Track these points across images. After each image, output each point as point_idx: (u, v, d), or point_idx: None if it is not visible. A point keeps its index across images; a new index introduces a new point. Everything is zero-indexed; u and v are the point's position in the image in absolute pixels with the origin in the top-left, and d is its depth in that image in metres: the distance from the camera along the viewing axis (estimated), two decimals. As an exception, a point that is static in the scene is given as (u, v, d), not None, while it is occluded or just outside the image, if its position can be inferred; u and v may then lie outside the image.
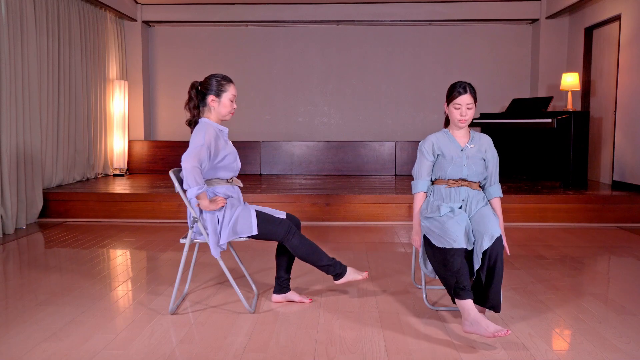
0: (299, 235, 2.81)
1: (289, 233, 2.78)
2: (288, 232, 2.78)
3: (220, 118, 2.89)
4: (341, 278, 2.89)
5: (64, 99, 6.25)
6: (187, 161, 2.65)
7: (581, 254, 4.18)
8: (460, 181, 2.81)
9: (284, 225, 2.79)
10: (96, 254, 4.12)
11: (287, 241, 2.79)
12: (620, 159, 6.16)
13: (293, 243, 2.79)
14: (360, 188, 6.12)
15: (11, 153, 4.97)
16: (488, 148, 2.87)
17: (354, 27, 8.13)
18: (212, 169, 2.81)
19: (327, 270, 2.87)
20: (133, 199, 5.55)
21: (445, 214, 2.68)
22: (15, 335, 2.53)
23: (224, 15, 7.85)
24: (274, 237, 2.80)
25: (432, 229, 2.68)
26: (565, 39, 7.64)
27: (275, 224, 2.80)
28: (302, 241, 2.81)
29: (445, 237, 2.58)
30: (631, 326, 2.66)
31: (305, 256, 2.82)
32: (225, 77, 2.88)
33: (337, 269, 2.88)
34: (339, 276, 2.89)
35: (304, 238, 2.83)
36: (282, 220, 2.82)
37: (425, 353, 2.35)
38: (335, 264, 2.87)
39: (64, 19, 6.23)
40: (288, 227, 2.79)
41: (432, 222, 2.70)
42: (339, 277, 2.89)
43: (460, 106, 2.78)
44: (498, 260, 2.53)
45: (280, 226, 2.79)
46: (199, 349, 2.40)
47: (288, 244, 2.80)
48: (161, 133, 8.33)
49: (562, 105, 7.45)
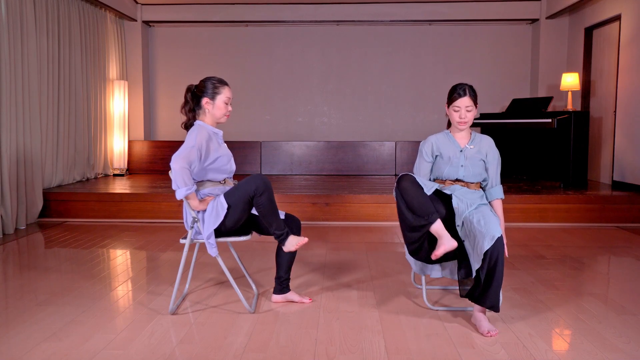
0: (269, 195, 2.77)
1: (257, 189, 2.74)
2: (257, 189, 2.75)
3: (215, 120, 2.91)
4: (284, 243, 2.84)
5: (64, 99, 6.25)
6: (176, 162, 2.67)
7: (581, 254, 4.18)
8: (457, 182, 2.83)
9: (255, 180, 2.76)
10: (96, 254, 4.12)
11: (258, 196, 2.76)
12: (620, 159, 6.16)
13: (262, 200, 2.76)
14: (360, 188, 6.12)
15: (11, 153, 4.97)
16: (489, 149, 2.88)
17: (354, 27, 8.13)
18: (202, 171, 2.83)
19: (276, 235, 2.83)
20: (133, 199, 5.55)
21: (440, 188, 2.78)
22: (15, 335, 2.54)
23: (224, 15, 7.85)
24: (246, 194, 2.75)
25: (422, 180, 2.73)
26: (565, 39, 7.64)
27: (243, 186, 2.77)
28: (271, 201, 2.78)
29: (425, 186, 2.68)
30: (631, 326, 2.66)
31: (266, 213, 2.78)
32: (220, 80, 2.90)
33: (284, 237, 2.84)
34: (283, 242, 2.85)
35: (273, 200, 2.80)
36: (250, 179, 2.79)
37: (425, 353, 2.35)
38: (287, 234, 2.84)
39: (64, 19, 6.23)
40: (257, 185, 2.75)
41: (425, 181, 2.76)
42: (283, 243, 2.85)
43: (460, 109, 2.79)
44: (498, 260, 2.53)
45: (251, 181, 2.76)
46: (199, 349, 2.40)
47: (256, 200, 2.76)
48: (161, 133, 8.33)
49: (562, 105, 7.45)
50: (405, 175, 2.70)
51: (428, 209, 2.62)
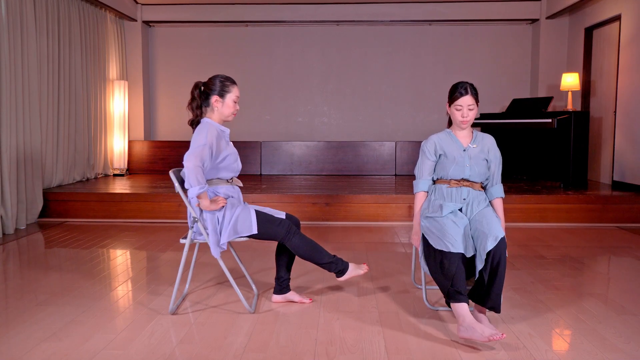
0: (299, 234, 2.81)
1: (289, 233, 2.79)
2: (288, 232, 2.79)
3: (222, 119, 2.90)
4: (344, 274, 2.89)
5: (64, 99, 6.25)
6: (190, 160, 2.65)
7: (581, 254, 4.18)
8: (462, 181, 2.81)
9: (284, 225, 2.80)
10: (96, 254, 4.12)
11: (288, 241, 2.79)
12: (620, 159, 6.16)
13: (294, 242, 2.79)
14: (360, 188, 6.12)
15: (11, 153, 4.97)
16: (491, 148, 2.87)
17: (354, 27, 8.13)
18: (213, 169, 2.82)
19: (330, 267, 2.87)
20: (133, 199, 5.55)
21: (446, 215, 2.69)
22: (15, 335, 2.53)
23: (224, 15, 7.85)
24: (274, 236, 2.81)
25: (431, 230, 2.68)
26: (565, 39, 7.64)
27: (275, 224, 2.80)
28: (303, 240, 2.81)
29: (443, 239, 2.58)
30: (631, 326, 2.66)
31: (307, 255, 2.83)
32: (229, 78, 2.90)
33: (340, 266, 2.88)
34: (342, 273, 2.89)
35: (304, 237, 2.83)
36: (282, 220, 2.82)
37: (425, 353, 2.35)
38: (336, 261, 2.88)
39: (64, 19, 6.23)
40: (288, 227, 2.80)
41: (432, 222, 2.70)
42: (342, 274, 2.90)
43: (462, 107, 2.78)
44: (501, 261, 2.53)
45: (281, 226, 2.79)
46: (199, 349, 2.40)
47: (289, 243, 2.80)
48: (161, 133, 8.33)
49: (562, 105, 7.45)
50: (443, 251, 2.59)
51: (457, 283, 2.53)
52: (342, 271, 2.89)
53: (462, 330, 2.44)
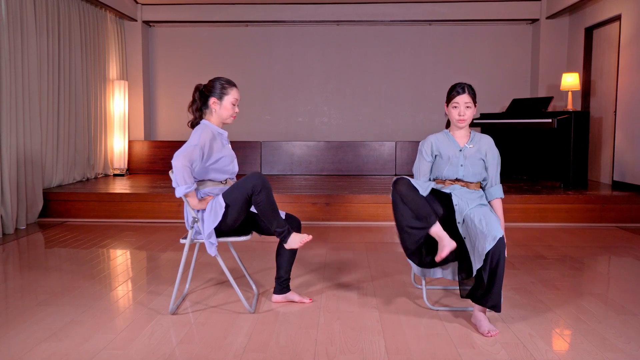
0: (267, 193, 2.76)
1: (255, 187, 2.73)
2: (254, 187, 2.73)
3: (221, 121, 2.91)
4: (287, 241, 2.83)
5: (64, 99, 6.25)
6: (178, 159, 2.68)
7: (581, 254, 4.18)
8: (457, 181, 2.83)
9: (252, 179, 2.75)
10: (96, 254, 4.12)
11: (257, 194, 2.74)
12: (621, 159, 6.16)
13: (261, 197, 2.75)
14: (360, 188, 6.12)
15: (11, 153, 4.97)
16: (488, 149, 2.88)
17: (354, 27, 8.13)
18: (203, 170, 2.83)
19: (278, 234, 2.82)
20: (133, 199, 5.55)
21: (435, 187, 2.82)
22: (15, 335, 2.54)
23: (224, 15, 7.85)
24: (245, 192, 2.74)
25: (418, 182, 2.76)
26: (565, 39, 7.64)
27: (240, 184, 2.76)
28: (269, 199, 2.76)
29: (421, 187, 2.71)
30: (631, 326, 2.66)
31: (266, 213, 2.78)
32: (229, 81, 2.91)
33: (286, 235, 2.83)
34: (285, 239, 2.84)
35: (271, 197, 2.78)
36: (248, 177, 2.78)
37: (425, 353, 2.35)
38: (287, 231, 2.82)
39: (64, 19, 6.23)
40: (255, 182, 2.74)
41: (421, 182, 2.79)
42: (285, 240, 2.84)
43: (459, 105, 2.80)
44: (500, 261, 2.53)
45: (247, 181, 2.75)
46: (199, 349, 2.40)
47: (255, 197, 2.75)
48: (161, 133, 8.33)
49: (562, 105, 7.45)
50: (400, 179, 2.72)
51: (426, 212, 2.63)
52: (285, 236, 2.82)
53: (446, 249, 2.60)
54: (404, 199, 2.67)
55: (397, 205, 2.71)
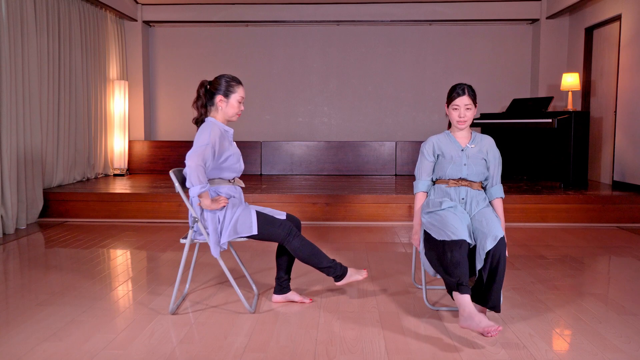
0: (299, 237, 2.81)
1: (289, 235, 2.79)
2: (289, 234, 2.78)
3: (226, 118, 2.90)
4: (342, 279, 2.89)
5: (64, 99, 6.25)
6: (192, 159, 2.65)
7: (581, 254, 4.18)
8: (460, 181, 2.82)
9: (285, 226, 2.79)
10: (96, 254, 4.12)
11: (288, 243, 2.79)
12: (621, 159, 6.16)
13: (294, 245, 2.79)
14: (360, 188, 6.12)
15: (12, 153, 4.97)
16: (489, 149, 2.88)
17: (354, 27, 8.13)
18: (215, 169, 2.82)
19: (328, 272, 2.87)
20: (133, 199, 5.55)
21: (446, 208, 2.70)
22: (15, 335, 2.54)
23: (224, 15, 7.85)
24: (274, 238, 2.81)
25: (432, 223, 2.69)
26: (565, 39, 7.64)
27: (275, 226, 2.80)
28: (303, 243, 2.81)
29: (444, 229, 2.59)
30: (631, 326, 2.66)
31: (306, 258, 2.82)
32: (235, 79, 2.90)
33: (338, 271, 2.88)
34: (340, 278, 2.89)
35: (305, 240, 2.83)
36: (283, 221, 2.82)
37: (425, 353, 2.35)
38: (335, 265, 2.87)
39: (64, 19, 6.23)
40: (289, 229, 2.79)
41: (433, 216, 2.71)
42: (340, 279, 2.89)
43: (459, 107, 2.80)
44: (501, 260, 2.53)
45: (281, 228, 2.79)
46: (199, 349, 2.40)
47: (289, 246, 2.80)
48: (161, 133, 8.33)
49: (563, 105, 7.45)
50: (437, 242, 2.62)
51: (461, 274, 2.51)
52: (340, 276, 2.89)
53: (462, 319, 2.45)
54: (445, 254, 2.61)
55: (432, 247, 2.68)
